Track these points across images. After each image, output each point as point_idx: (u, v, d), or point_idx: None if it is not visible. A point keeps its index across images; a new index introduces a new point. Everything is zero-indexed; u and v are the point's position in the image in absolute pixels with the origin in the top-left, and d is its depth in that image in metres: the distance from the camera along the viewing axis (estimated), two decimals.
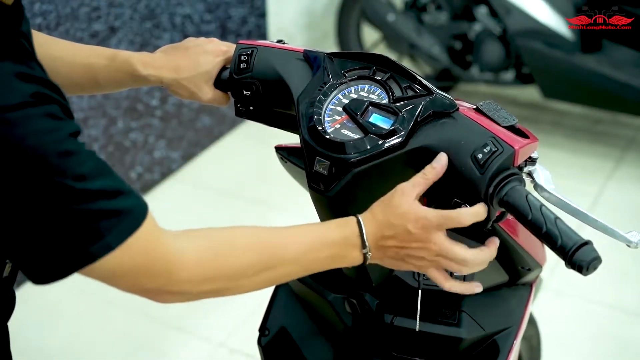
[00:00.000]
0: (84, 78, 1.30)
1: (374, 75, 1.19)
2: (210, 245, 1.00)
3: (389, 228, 1.08)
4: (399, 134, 1.11)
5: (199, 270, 0.97)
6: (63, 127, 0.87)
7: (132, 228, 0.91)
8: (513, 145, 1.09)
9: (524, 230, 1.28)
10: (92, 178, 0.88)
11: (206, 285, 0.99)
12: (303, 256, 1.06)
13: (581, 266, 1.00)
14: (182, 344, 2.59)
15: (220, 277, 1.00)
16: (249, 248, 1.03)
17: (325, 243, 1.06)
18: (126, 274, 0.93)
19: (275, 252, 1.04)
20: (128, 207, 0.91)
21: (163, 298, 0.98)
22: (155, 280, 0.95)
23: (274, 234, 1.06)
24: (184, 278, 0.96)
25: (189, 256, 0.97)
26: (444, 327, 1.27)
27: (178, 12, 3.29)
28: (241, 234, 1.05)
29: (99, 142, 3.03)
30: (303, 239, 1.06)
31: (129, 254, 0.91)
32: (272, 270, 1.04)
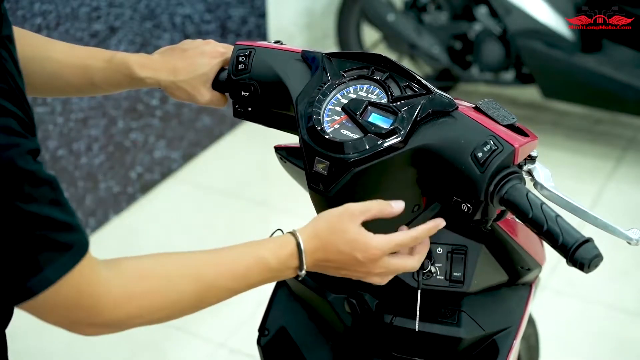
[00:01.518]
0: (81, 80, 1.30)
1: (372, 75, 1.19)
2: (141, 278, 0.97)
3: (335, 253, 1.08)
4: (398, 133, 1.11)
5: (127, 305, 0.95)
6: (19, 143, 0.84)
7: (71, 264, 0.88)
8: (513, 144, 1.09)
9: (523, 230, 1.28)
10: (42, 203, 0.85)
11: (135, 318, 0.97)
12: (237, 283, 1.04)
13: (583, 264, 1.00)
14: (182, 344, 2.59)
15: (151, 310, 0.97)
16: (182, 280, 1.00)
17: (261, 269, 1.05)
18: (55, 308, 0.91)
19: (209, 283, 1.02)
20: (71, 241, 0.88)
21: (88, 331, 0.96)
22: (83, 315, 0.93)
23: (207, 263, 1.03)
24: (112, 313, 0.94)
25: (116, 291, 0.94)
26: (444, 327, 1.27)
27: (178, 12, 3.29)
28: (173, 264, 1.01)
29: (99, 142, 3.03)
30: (237, 266, 1.04)
31: (63, 290, 0.89)
32: (204, 299, 1.03)
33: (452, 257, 1.24)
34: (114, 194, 3.16)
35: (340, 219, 1.08)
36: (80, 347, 2.58)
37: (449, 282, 1.24)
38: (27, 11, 2.63)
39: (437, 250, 1.24)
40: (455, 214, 1.14)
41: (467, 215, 1.11)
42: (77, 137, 2.93)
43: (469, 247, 1.24)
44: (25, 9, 2.62)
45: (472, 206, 1.10)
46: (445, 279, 1.24)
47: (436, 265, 1.24)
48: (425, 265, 1.22)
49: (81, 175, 2.98)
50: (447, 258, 1.24)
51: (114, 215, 3.18)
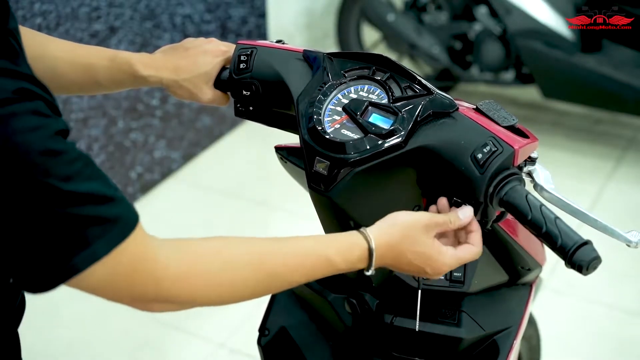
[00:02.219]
0: (84, 78, 1.30)
1: (373, 75, 1.19)
2: (202, 257, 0.96)
3: (405, 264, 1.09)
4: (398, 133, 1.11)
5: (187, 282, 0.94)
6: (49, 124, 0.84)
7: (120, 237, 0.88)
8: (513, 145, 1.09)
9: (523, 230, 1.28)
10: (80, 180, 0.85)
11: (197, 297, 0.96)
12: (299, 276, 1.03)
13: (581, 266, 1.00)
14: (182, 344, 2.59)
15: (210, 291, 0.97)
16: (244, 266, 0.99)
17: (327, 267, 1.04)
18: (113, 284, 0.90)
19: (271, 272, 1.01)
20: (116, 215, 0.88)
21: (151, 307, 0.95)
22: (142, 290, 0.92)
23: (272, 252, 1.02)
24: (171, 289, 0.93)
25: (174, 267, 0.93)
26: (444, 327, 1.27)
27: (178, 12, 3.29)
28: (237, 248, 1.00)
29: (99, 142, 3.03)
30: (303, 261, 1.03)
31: (116, 265, 0.88)
32: (265, 288, 1.02)
33: None
34: None
35: (416, 230, 1.08)
36: (80, 347, 2.58)
37: (449, 282, 1.24)
38: (27, 11, 2.63)
39: None
40: None
41: None
42: (77, 137, 2.93)
43: None
44: (25, 9, 2.62)
45: (472, 207, 1.10)
46: (446, 279, 1.24)
47: None
48: None
49: None
50: None
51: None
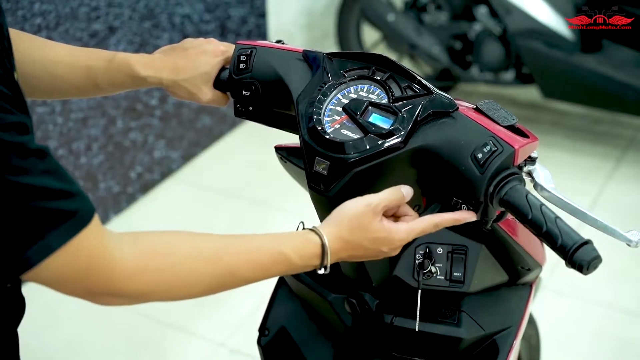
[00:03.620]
0: (83, 81, 1.30)
1: (373, 75, 1.19)
2: (157, 254, 0.96)
3: (360, 250, 1.10)
4: (398, 133, 1.11)
5: (142, 278, 0.94)
6: (2, 118, 0.84)
7: (74, 230, 0.88)
8: (513, 145, 1.09)
9: (523, 230, 1.28)
10: (34, 174, 0.85)
11: (151, 292, 0.96)
12: (255, 274, 1.04)
13: (581, 265, 1.00)
14: (182, 344, 2.59)
15: (165, 287, 0.97)
16: (200, 263, 0.99)
17: (282, 264, 1.05)
18: (67, 277, 0.90)
19: (227, 269, 1.01)
20: (71, 209, 0.88)
21: (105, 300, 0.95)
22: (97, 283, 0.92)
23: (228, 249, 1.02)
24: (126, 284, 0.93)
25: (130, 262, 0.93)
26: (444, 327, 1.27)
27: (177, 12, 3.29)
28: (193, 245, 1.00)
29: (98, 142, 3.03)
30: (259, 258, 1.03)
31: (71, 258, 0.88)
32: (220, 285, 1.02)
33: (452, 257, 1.24)
34: (114, 194, 3.16)
35: (363, 217, 1.09)
36: (79, 347, 2.58)
37: (449, 282, 1.24)
38: (27, 11, 2.63)
39: (438, 250, 1.24)
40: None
41: None
42: (76, 137, 2.92)
43: (469, 247, 1.24)
44: (25, 9, 2.62)
45: (472, 207, 1.10)
46: (446, 279, 1.24)
47: (436, 265, 1.24)
48: (426, 265, 1.22)
49: (81, 175, 2.98)
50: (447, 258, 1.24)
51: (114, 215, 3.17)
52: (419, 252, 1.24)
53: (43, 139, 2.77)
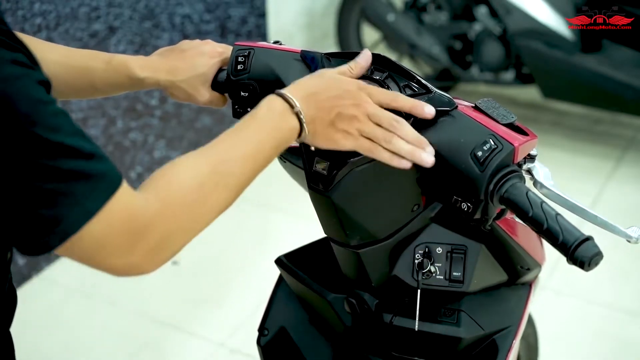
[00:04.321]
0: (81, 82, 1.30)
1: (372, 75, 1.19)
2: (174, 192, 0.96)
3: (316, 88, 1.07)
4: None
5: (172, 214, 0.94)
6: (31, 74, 0.83)
7: (108, 193, 0.87)
8: (513, 143, 1.09)
9: (523, 229, 1.28)
10: (66, 133, 0.83)
11: (183, 227, 0.95)
12: (252, 158, 1.03)
13: (583, 262, 1.00)
14: (182, 344, 2.59)
15: (188, 209, 0.96)
16: (210, 180, 0.98)
17: (267, 131, 1.04)
18: (106, 241, 0.88)
19: (229, 170, 1.01)
20: (103, 171, 0.87)
21: (142, 259, 0.93)
22: (138, 240, 0.91)
23: (223, 152, 1.01)
24: (161, 227, 0.92)
25: (156, 205, 0.93)
26: (443, 327, 1.27)
27: (177, 12, 3.29)
28: (196, 164, 0.99)
29: (98, 142, 3.03)
30: (255, 155, 1.03)
31: (109, 220, 0.87)
32: (231, 187, 1.01)
33: (451, 257, 1.24)
34: None
35: (324, 72, 1.10)
36: (79, 348, 2.59)
37: (448, 281, 1.24)
38: (27, 11, 2.63)
39: (437, 250, 1.24)
40: (455, 213, 1.14)
41: (467, 214, 1.11)
42: None
43: (468, 247, 1.24)
44: (25, 9, 2.62)
45: (472, 205, 1.10)
46: (445, 279, 1.24)
47: (436, 265, 1.24)
48: (425, 265, 1.22)
49: None
50: (446, 258, 1.24)
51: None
52: (418, 252, 1.24)
53: None
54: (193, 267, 2.87)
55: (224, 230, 3.09)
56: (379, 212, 1.19)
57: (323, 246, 1.36)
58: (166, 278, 2.78)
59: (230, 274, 2.90)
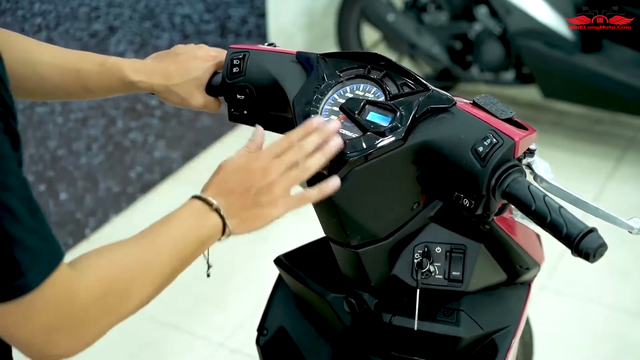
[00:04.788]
0: (73, 84, 1.29)
1: (369, 74, 1.19)
2: (103, 274, 0.95)
3: (225, 181, 1.07)
4: (397, 131, 1.11)
5: (100, 293, 0.93)
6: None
7: (47, 271, 0.85)
8: (513, 137, 1.09)
9: (522, 229, 1.28)
10: (15, 197, 0.82)
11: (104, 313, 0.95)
12: (175, 254, 1.03)
13: (588, 253, 1.00)
14: (182, 344, 2.59)
15: (115, 300, 0.97)
16: (133, 268, 0.99)
17: (192, 235, 1.04)
18: (33, 320, 0.87)
19: (153, 263, 1.01)
20: (40, 249, 0.85)
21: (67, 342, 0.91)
22: (59, 324, 0.89)
23: (148, 246, 1.02)
24: (85, 314, 0.91)
25: (87, 292, 0.92)
26: (443, 326, 1.26)
27: (177, 12, 3.29)
28: (124, 254, 0.99)
29: (98, 142, 3.03)
30: (168, 239, 1.03)
31: (40, 298, 0.85)
32: (155, 279, 1.02)
33: (450, 257, 1.24)
34: (114, 194, 3.16)
35: (227, 162, 1.10)
36: None
37: (447, 281, 1.24)
38: (27, 11, 2.63)
39: (436, 250, 1.24)
40: (457, 210, 1.14)
41: (469, 210, 1.11)
42: (76, 137, 2.93)
43: (467, 247, 1.24)
44: (25, 9, 2.62)
45: (474, 201, 1.10)
46: (444, 278, 1.24)
47: (435, 264, 1.24)
48: (424, 265, 1.22)
49: (81, 175, 2.98)
50: (445, 257, 1.24)
51: (114, 215, 3.17)
52: (417, 252, 1.24)
53: (43, 139, 2.78)
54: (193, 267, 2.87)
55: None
56: (379, 211, 1.19)
57: (322, 246, 1.36)
58: None
59: (230, 274, 2.90)
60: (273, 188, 1.07)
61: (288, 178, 1.08)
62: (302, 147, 1.09)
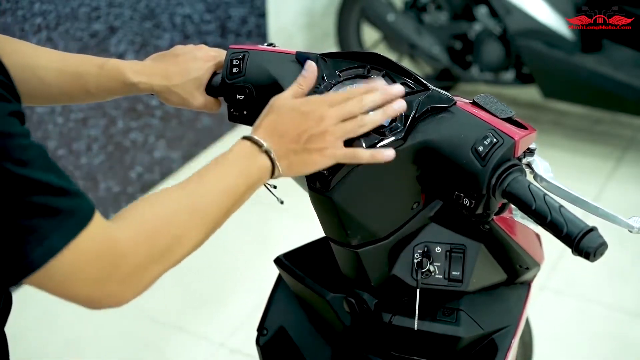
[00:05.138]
0: (73, 87, 1.29)
1: (368, 74, 1.19)
2: (146, 221, 0.97)
3: (277, 123, 1.07)
4: (397, 130, 1.12)
5: (143, 245, 0.94)
6: (3, 107, 0.83)
7: (77, 229, 0.87)
8: (513, 137, 1.10)
9: (521, 228, 1.28)
10: (34, 168, 0.83)
11: (154, 260, 0.96)
12: (225, 196, 1.04)
13: (588, 253, 1.01)
14: (183, 344, 2.59)
15: (162, 246, 0.97)
16: (181, 216, 0.99)
17: (234, 170, 1.05)
18: (80, 276, 0.89)
19: (202, 207, 1.02)
20: (72, 207, 0.87)
21: (111, 290, 0.93)
22: (106, 270, 0.91)
23: (196, 189, 1.02)
24: (132, 258, 0.93)
25: (128, 235, 0.93)
26: (443, 326, 1.27)
27: (178, 12, 3.29)
28: (170, 200, 1.00)
29: (98, 142, 3.03)
30: (217, 182, 1.04)
31: (79, 255, 0.87)
32: (204, 223, 1.02)
33: (450, 256, 1.24)
34: (114, 194, 3.16)
35: (282, 101, 1.09)
36: (79, 348, 2.59)
37: (447, 281, 1.24)
38: (27, 11, 2.63)
39: (436, 250, 1.24)
40: (457, 209, 1.14)
41: (469, 209, 1.11)
42: (77, 137, 2.93)
43: (467, 246, 1.24)
44: (25, 9, 2.62)
45: (474, 200, 1.10)
46: (444, 278, 1.24)
47: (435, 264, 1.24)
48: (424, 264, 1.22)
49: (81, 175, 2.99)
50: (445, 257, 1.24)
51: (114, 215, 3.17)
52: (417, 252, 1.24)
53: (43, 139, 2.78)
54: (193, 267, 2.87)
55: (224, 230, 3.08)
56: (379, 211, 1.19)
57: (322, 246, 1.36)
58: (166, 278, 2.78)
59: (230, 274, 2.91)
60: (325, 136, 1.07)
61: (343, 129, 1.07)
62: (361, 101, 1.08)
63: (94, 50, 2.89)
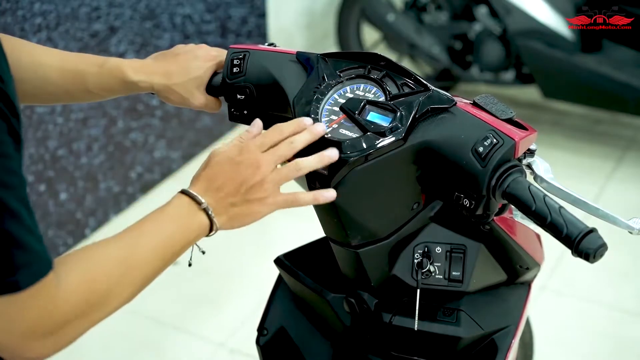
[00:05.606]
0: (74, 86, 1.29)
1: (369, 74, 1.19)
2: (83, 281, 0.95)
3: (215, 176, 1.06)
4: (397, 131, 1.12)
5: (75, 309, 0.94)
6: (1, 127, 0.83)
7: (39, 275, 0.86)
8: (513, 137, 1.09)
9: (522, 229, 1.28)
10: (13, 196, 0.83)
11: (79, 316, 0.95)
12: (161, 253, 1.02)
13: (588, 254, 1.01)
14: (182, 344, 2.59)
15: (93, 303, 0.96)
16: (114, 270, 0.98)
17: (182, 232, 1.04)
18: (22, 320, 0.88)
19: (137, 264, 1.00)
20: (38, 250, 0.86)
21: (45, 349, 0.93)
22: (40, 330, 0.90)
23: (133, 245, 1.01)
24: (60, 319, 0.92)
25: (67, 303, 0.92)
26: (443, 326, 1.27)
27: (178, 12, 3.29)
28: (106, 257, 0.99)
29: (99, 142, 3.03)
30: (164, 252, 1.03)
31: (30, 301, 0.86)
32: (137, 282, 1.01)
33: (450, 257, 1.24)
34: (114, 194, 3.16)
35: (216, 153, 1.09)
36: (79, 348, 2.58)
37: (447, 281, 1.24)
38: (27, 11, 2.63)
39: (436, 250, 1.24)
40: (456, 210, 1.14)
41: (469, 210, 1.11)
42: (77, 137, 2.93)
43: (467, 247, 1.24)
44: (25, 9, 2.62)
45: (474, 201, 1.10)
46: (444, 278, 1.24)
47: (435, 264, 1.24)
48: (424, 265, 1.22)
49: (81, 175, 2.99)
50: (446, 257, 1.24)
51: (114, 215, 3.18)
52: (417, 252, 1.24)
53: (43, 139, 2.78)
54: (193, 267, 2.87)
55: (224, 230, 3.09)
56: (379, 211, 1.19)
57: (322, 246, 1.36)
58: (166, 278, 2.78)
59: (230, 274, 2.90)
60: (264, 185, 1.07)
61: (279, 175, 1.08)
62: (292, 142, 1.09)
63: (94, 50, 2.89)
